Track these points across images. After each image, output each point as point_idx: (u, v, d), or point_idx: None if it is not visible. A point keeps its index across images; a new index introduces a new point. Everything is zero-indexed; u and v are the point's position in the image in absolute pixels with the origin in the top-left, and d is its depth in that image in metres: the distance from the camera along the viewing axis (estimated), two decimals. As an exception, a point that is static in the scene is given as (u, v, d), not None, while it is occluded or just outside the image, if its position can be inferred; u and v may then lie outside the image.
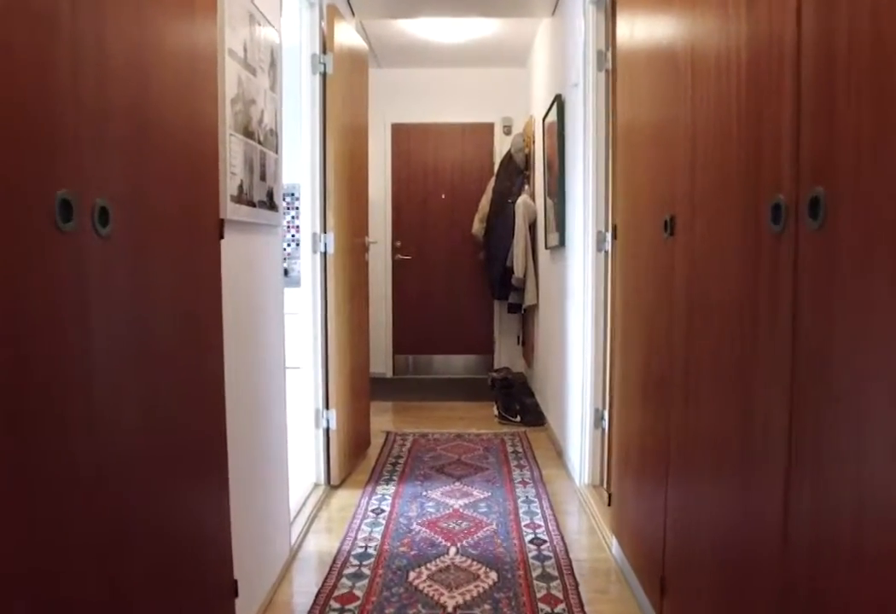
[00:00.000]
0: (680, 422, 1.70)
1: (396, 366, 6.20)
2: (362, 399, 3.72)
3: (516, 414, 4.49)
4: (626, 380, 2.32)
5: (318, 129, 3.11)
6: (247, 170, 1.98)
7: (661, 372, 1.86)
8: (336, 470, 3.25)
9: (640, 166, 2.08)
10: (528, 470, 3.51)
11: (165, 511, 1.38)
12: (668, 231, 1.77)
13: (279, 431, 2.40)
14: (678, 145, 1.70)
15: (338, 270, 3.21)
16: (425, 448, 3.91)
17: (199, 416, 1.58)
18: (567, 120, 3.63)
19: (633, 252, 2.16)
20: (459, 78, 5.95)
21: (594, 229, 3.09)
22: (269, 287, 2.28)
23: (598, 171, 3.06)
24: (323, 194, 3.14)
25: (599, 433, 3.17)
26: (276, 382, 2.36)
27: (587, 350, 3.14)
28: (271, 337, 2.30)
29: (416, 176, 6.06)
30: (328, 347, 3.19)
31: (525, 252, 4.91)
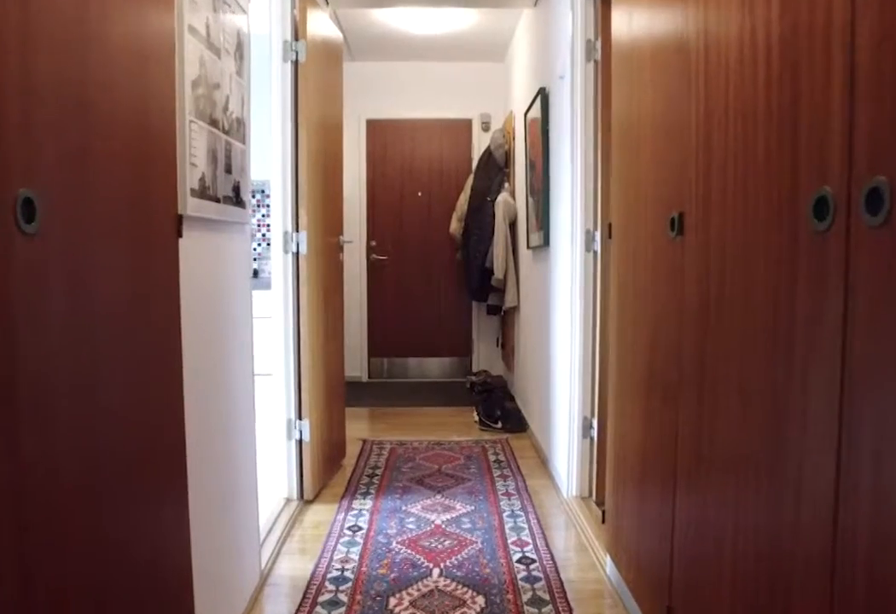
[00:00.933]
0: (692, 430, 1.55)
1: (372, 370, 6.01)
2: (337, 407, 3.53)
3: (497, 420, 4.33)
4: (623, 386, 2.16)
5: (289, 120, 2.92)
6: (210, 162, 1.79)
7: (668, 379, 1.70)
8: (310, 484, 3.06)
9: (640, 162, 1.93)
10: (512, 481, 3.35)
11: (111, 532, 1.19)
12: (674, 230, 1.62)
13: (247, 443, 2.21)
14: (688, 139, 1.55)
15: (311, 271, 3.02)
16: (404, 457, 3.74)
17: (152, 430, 1.39)
18: (552, 114, 3.47)
19: (631, 252, 2.00)
20: (436, 72, 5.78)
21: (582, 228, 2.93)
22: (236, 289, 2.09)
23: (587, 167, 2.91)
24: (295, 191, 2.95)
25: (588, 442, 3.02)
26: (243, 391, 2.17)
27: (575, 355, 2.99)
28: (238, 342, 2.11)
29: (392, 174, 5.87)
30: (300, 353, 3.00)
31: (505, 252, 4.75)
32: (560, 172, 3.26)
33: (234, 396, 2.06)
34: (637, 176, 1.94)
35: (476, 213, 5.16)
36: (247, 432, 2.21)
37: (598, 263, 2.89)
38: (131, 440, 1.28)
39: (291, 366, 3.00)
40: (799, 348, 1.08)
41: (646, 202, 1.86)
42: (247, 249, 2.20)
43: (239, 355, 2.13)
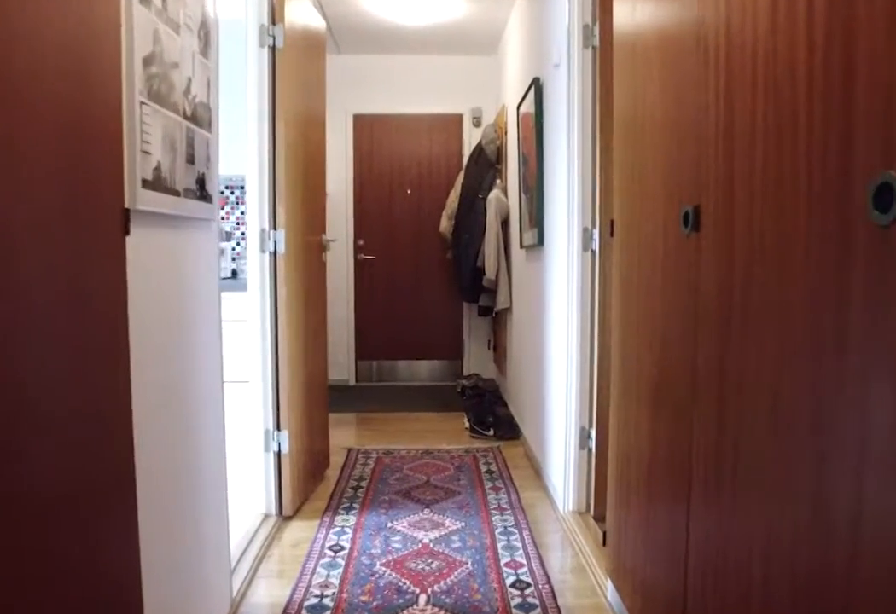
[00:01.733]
0: (710, 446, 1.36)
1: (360, 373, 5.82)
2: (320, 415, 3.34)
3: (489, 426, 4.15)
4: (626, 397, 1.98)
5: (266, 110, 2.72)
6: (168, 150, 1.59)
7: (680, 391, 1.52)
8: (289, 499, 2.87)
9: (646, 152, 1.74)
10: (504, 494, 3.16)
11: (30, 565, 1.00)
12: (688, 225, 1.44)
13: (216, 457, 2.02)
14: (704, 120, 1.37)
15: (290, 272, 2.82)
16: (391, 467, 3.55)
17: (91, 446, 1.20)
18: (546, 105, 3.29)
19: (636, 251, 1.82)
20: (426, 66, 5.59)
21: (580, 226, 2.75)
22: (201, 292, 1.90)
23: (585, 161, 2.73)
24: (272, 185, 2.75)
25: (585, 454, 2.84)
26: (211, 400, 1.97)
27: (572, 362, 2.81)
28: (205, 349, 1.92)
29: (380, 170, 5.68)
30: (278, 360, 2.80)
31: (497, 251, 4.57)
32: (555, 167, 3.08)
33: (199, 406, 1.87)
34: (643, 168, 1.76)
35: (467, 211, 4.97)
36: (215, 445, 2.02)
37: (597, 263, 2.71)
38: (65, 458, 1.10)
39: (269, 373, 2.81)
40: (852, 361, 0.90)
41: (653, 196, 1.68)
42: (214, 248, 2.01)
43: (206, 362, 1.94)
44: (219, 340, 2.06)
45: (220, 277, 2.07)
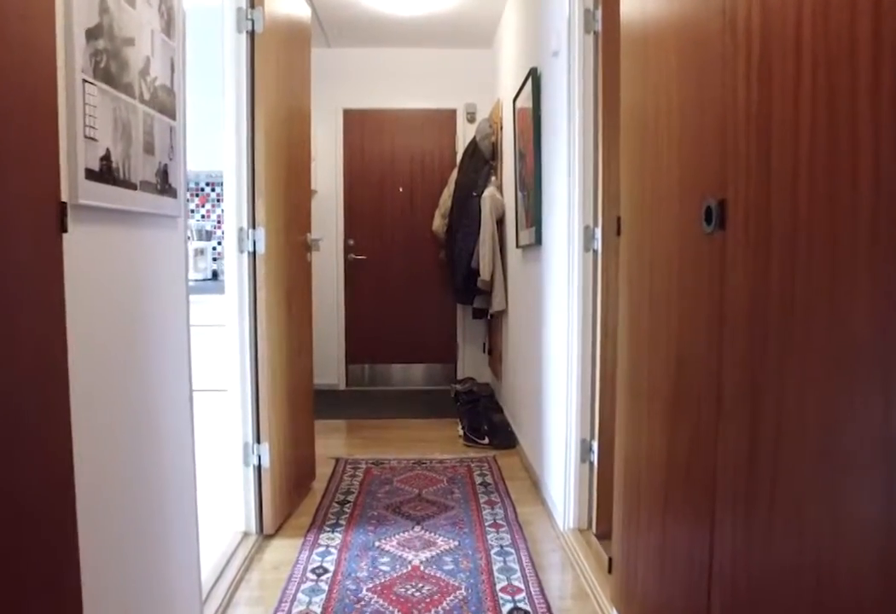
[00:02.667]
0: (741, 462, 1.19)
1: (350, 377, 5.63)
2: (305, 424, 3.15)
3: (484, 435, 3.96)
4: (636, 410, 1.80)
5: (245, 99, 2.53)
6: (120, 138, 1.41)
7: (703, 407, 1.34)
8: (270, 516, 2.68)
9: (659, 144, 1.56)
10: (500, 508, 2.98)
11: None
12: (711, 222, 1.26)
13: (183, 473, 1.84)
14: (734, 113, 1.18)
15: (271, 273, 2.63)
16: (380, 479, 3.36)
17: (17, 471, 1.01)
18: (545, 97, 3.11)
19: (647, 251, 1.64)
20: (418, 59, 5.41)
21: (581, 224, 2.57)
22: (165, 296, 1.71)
23: (587, 155, 2.55)
24: (251, 180, 2.56)
25: (587, 468, 2.66)
26: (177, 413, 1.79)
27: (572, 369, 2.63)
28: (170, 358, 1.74)
29: (371, 167, 5.49)
30: (258, 367, 2.62)
31: (492, 251, 4.38)
32: (554, 162, 2.90)
33: (162, 419, 1.68)
34: (655, 160, 1.58)
35: (461, 210, 4.79)
36: (182, 459, 1.84)
37: (599, 264, 2.53)
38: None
39: (248, 381, 2.62)
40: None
41: (668, 190, 1.50)
42: (181, 248, 1.82)
43: (171, 371, 1.75)
44: (187, 347, 1.87)
45: (188, 280, 1.88)
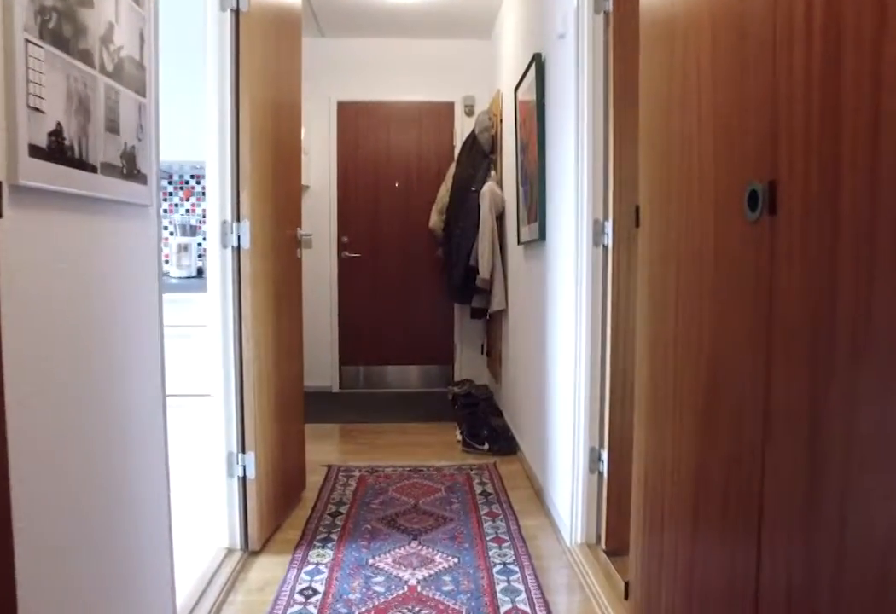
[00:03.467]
0: (797, 487, 1.01)
1: (344, 379, 5.44)
2: (294, 431, 2.97)
3: (483, 440, 3.78)
4: (660, 418, 1.62)
5: (228, 83, 2.35)
6: (75, 111, 1.22)
7: (746, 423, 1.17)
8: (256, 531, 2.50)
9: (688, 122, 1.39)
10: (502, 520, 2.80)
11: None
12: (756, 208, 1.08)
13: (154, 485, 1.67)
14: (790, 80, 1.01)
15: (257, 270, 2.45)
16: (374, 489, 3.18)
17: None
18: (549, 82, 2.93)
19: (672, 244, 1.46)
20: (415, 50, 5.23)
21: (590, 218, 2.40)
22: (132, 294, 1.53)
23: (596, 142, 2.37)
24: (235, 169, 2.38)
25: (596, 479, 2.48)
26: (146, 421, 1.62)
27: (581, 374, 2.45)
28: (136, 361, 1.56)
29: (366, 162, 5.31)
30: (243, 371, 2.44)
31: (492, 248, 4.21)
32: (560, 152, 2.72)
33: (126, 427, 1.51)
34: (683, 140, 1.40)
35: (459, 205, 4.61)
36: (153, 470, 1.66)
37: (610, 260, 2.36)
38: None
39: (232, 386, 2.44)
40: None
41: (700, 173, 1.32)
42: (152, 241, 1.64)
43: (139, 375, 1.57)
44: (159, 349, 1.70)
45: (161, 275, 1.70)
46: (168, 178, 3.34)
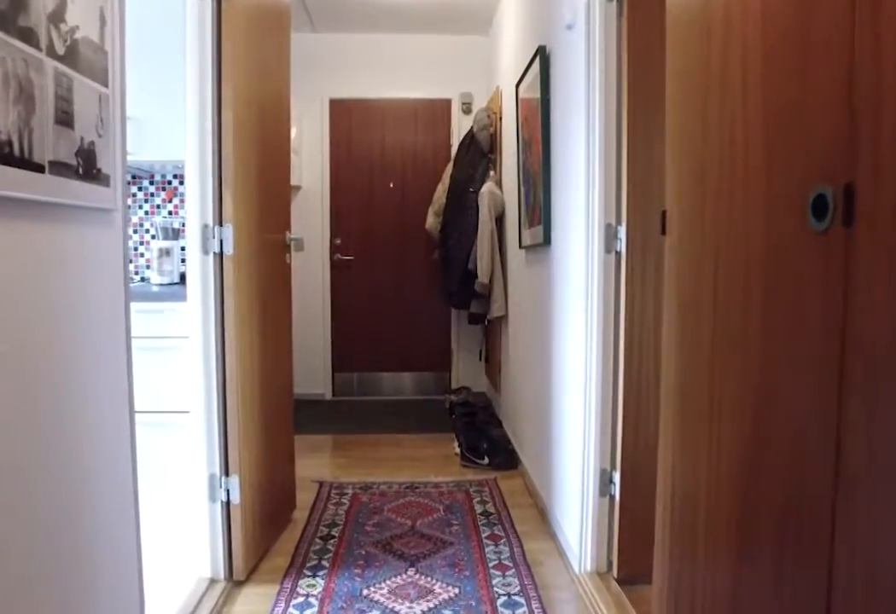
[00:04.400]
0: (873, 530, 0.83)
1: (337, 386, 5.26)
2: (283, 448, 2.78)
3: (483, 454, 3.60)
4: (693, 436, 1.45)
5: (210, 76, 2.16)
6: (13, 100, 1.04)
7: (810, 466, 0.99)
8: (241, 559, 2.31)
9: (729, 115, 1.20)
10: (505, 545, 2.62)
11: None
12: (825, 217, 0.90)
13: (120, 515, 1.48)
14: (874, 51, 0.83)
15: (241, 276, 2.27)
16: (369, 508, 2.99)
17: None
18: (555, 78, 2.75)
19: (709, 256, 1.28)
20: (411, 46, 5.04)
21: (601, 222, 2.22)
22: (91, 305, 1.35)
23: (608, 139, 2.19)
24: (217, 170, 2.19)
25: (607, 502, 2.31)
26: (109, 441, 1.43)
27: (592, 389, 2.27)
28: (100, 380, 1.38)
29: (360, 162, 5.12)
30: (226, 386, 2.25)
31: (491, 252, 4.03)
32: (568, 152, 2.54)
33: (85, 448, 1.32)
34: (722, 136, 1.22)
35: (456, 207, 4.42)
36: (119, 501, 1.48)
37: (623, 268, 2.18)
38: None
39: (214, 403, 2.25)
40: None
41: (747, 173, 1.14)
42: (116, 248, 1.45)
43: (102, 394, 1.39)
44: (125, 364, 1.51)
45: (128, 286, 1.52)
46: (150, 179, 3.15)
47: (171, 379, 2.56)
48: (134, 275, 3.19)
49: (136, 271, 3.19)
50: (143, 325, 2.62)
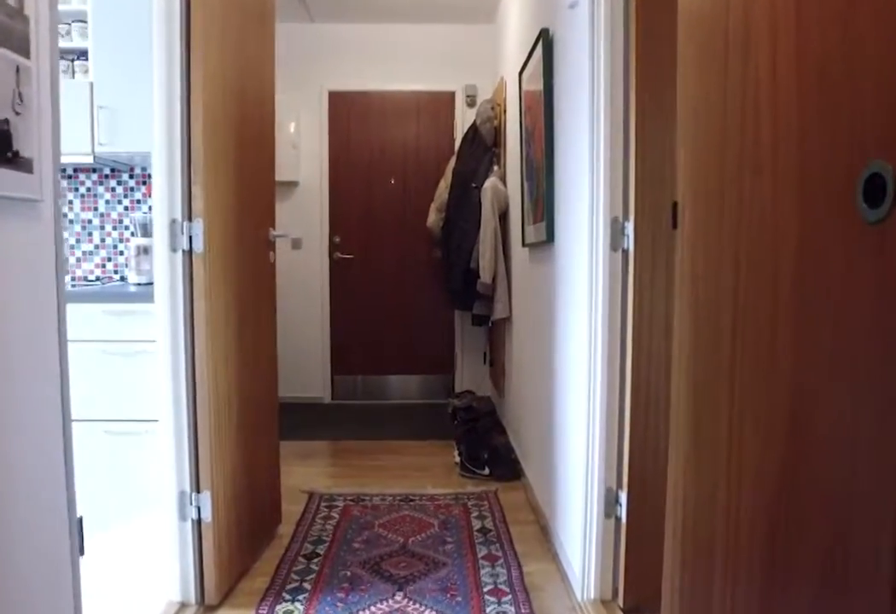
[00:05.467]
0: None
1: (336, 389, 5.08)
2: (265, 460, 2.60)
3: (484, 464, 3.41)
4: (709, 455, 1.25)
5: (178, 56, 1.98)
6: None
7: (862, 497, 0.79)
8: (213, 582, 2.13)
9: (752, 87, 1.00)
10: (502, 566, 2.42)
11: None
12: (884, 203, 0.70)
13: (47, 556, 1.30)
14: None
15: (214, 276, 2.09)
16: (360, 523, 2.81)
17: None
18: (558, 60, 2.55)
19: (729, 249, 1.08)
20: (413, 36, 4.85)
21: (606, 217, 2.02)
22: (11, 309, 1.17)
23: (615, 128, 1.99)
24: (186, 159, 2.01)
25: (613, 525, 2.11)
26: (38, 461, 1.25)
27: (596, 399, 2.07)
28: (23, 387, 1.19)
29: (360, 156, 4.93)
30: (196, 395, 2.07)
31: (494, 251, 3.83)
32: (572, 141, 2.35)
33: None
34: (746, 111, 1.02)
35: (459, 203, 4.23)
36: (50, 527, 1.30)
37: (631, 267, 1.98)
38: None
39: (183, 413, 2.07)
40: None
41: (772, 149, 0.94)
42: (43, 245, 1.27)
43: (22, 403, 1.21)
44: (59, 374, 1.33)
45: (62, 287, 1.33)
46: (129, 172, 2.97)
47: (143, 385, 2.39)
48: (114, 275, 3.02)
49: (116, 270, 3.01)
50: (114, 328, 2.46)
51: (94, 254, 2.98)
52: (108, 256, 2.98)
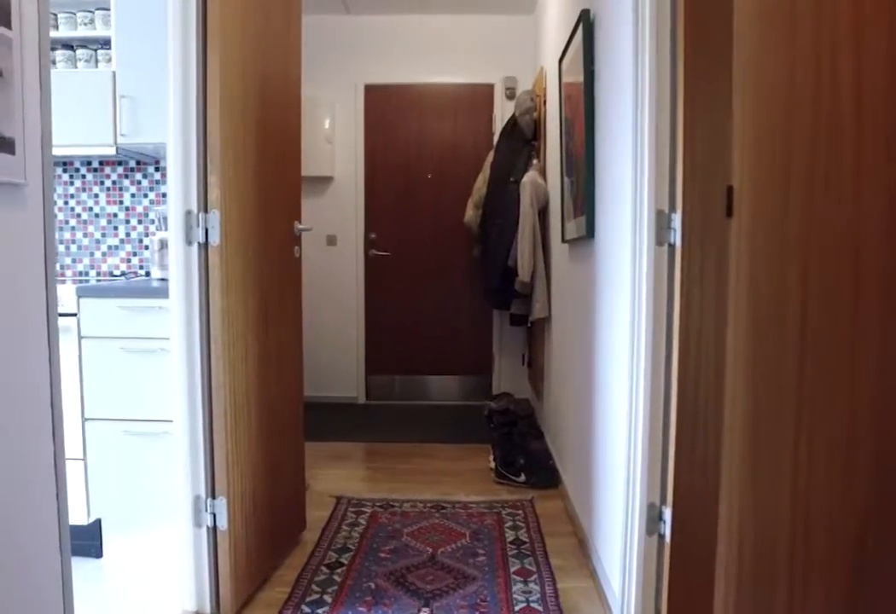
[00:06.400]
0: None
1: (371, 390, 4.97)
2: (289, 462, 2.49)
3: (519, 471, 3.26)
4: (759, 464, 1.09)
5: (194, 46, 1.88)
6: None
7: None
8: (229, 592, 2.03)
9: (827, 52, 0.84)
10: (536, 583, 2.28)
11: None
12: None
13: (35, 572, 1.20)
14: None
15: (232, 270, 1.98)
16: (387, 531, 2.68)
17: None
18: (599, 45, 2.39)
19: (796, 242, 0.92)
20: (451, 28, 4.72)
21: (651, 209, 1.86)
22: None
23: (661, 115, 1.83)
24: (203, 147, 1.91)
25: (655, 542, 1.94)
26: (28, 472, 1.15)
27: (639, 406, 1.91)
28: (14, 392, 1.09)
29: (396, 151, 4.82)
30: (213, 395, 1.96)
31: (532, 247, 3.67)
32: (614, 130, 2.18)
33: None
34: (821, 62, 0.86)
35: (496, 198, 4.08)
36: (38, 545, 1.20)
37: (678, 262, 1.81)
38: None
39: (199, 415, 1.97)
40: None
41: (854, 119, 0.78)
42: (29, 233, 1.17)
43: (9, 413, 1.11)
44: (48, 375, 1.23)
45: (52, 278, 1.23)
46: (155, 165, 2.90)
47: (163, 384, 2.30)
48: (139, 270, 2.95)
49: (142, 265, 2.95)
50: (133, 325, 2.37)
51: (119, 249, 2.92)
52: (134, 251, 2.92)
